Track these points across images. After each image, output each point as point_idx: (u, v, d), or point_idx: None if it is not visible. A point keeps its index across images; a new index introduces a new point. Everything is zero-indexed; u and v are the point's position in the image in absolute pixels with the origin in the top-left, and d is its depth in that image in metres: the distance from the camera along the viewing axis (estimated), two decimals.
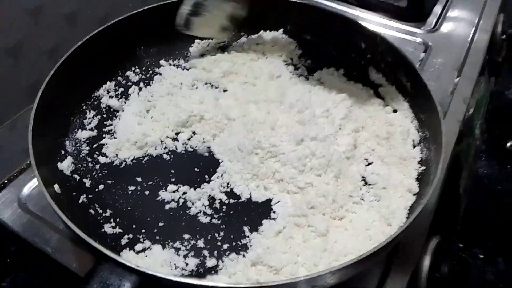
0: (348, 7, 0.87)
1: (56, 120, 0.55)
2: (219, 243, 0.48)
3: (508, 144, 0.94)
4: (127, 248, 0.46)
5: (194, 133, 0.60)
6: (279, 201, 0.52)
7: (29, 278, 0.55)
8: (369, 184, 0.55)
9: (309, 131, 0.56)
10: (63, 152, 0.55)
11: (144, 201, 0.52)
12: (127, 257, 0.45)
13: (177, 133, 0.60)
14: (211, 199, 0.52)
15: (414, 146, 0.57)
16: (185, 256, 0.47)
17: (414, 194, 0.51)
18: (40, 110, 0.50)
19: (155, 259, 0.45)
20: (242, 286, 0.38)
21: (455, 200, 0.71)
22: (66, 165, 0.53)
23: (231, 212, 0.51)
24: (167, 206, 0.52)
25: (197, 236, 0.49)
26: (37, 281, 0.55)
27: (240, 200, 0.53)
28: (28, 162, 0.61)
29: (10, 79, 0.63)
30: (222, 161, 0.56)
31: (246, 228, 0.50)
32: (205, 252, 0.47)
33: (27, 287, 0.55)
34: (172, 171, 0.55)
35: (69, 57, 0.56)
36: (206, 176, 0.55)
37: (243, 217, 0.51)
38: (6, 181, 0.59)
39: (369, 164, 0.57)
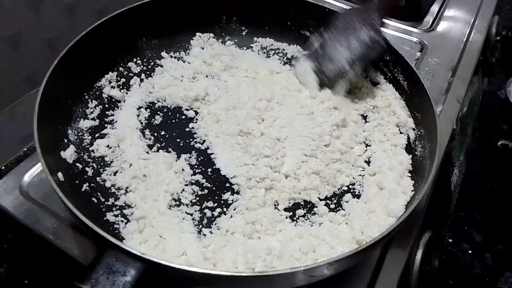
0: (347, 5, 0.88)
1: (59, 110, 0.55)
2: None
3: (499, 143, 0.97)
4: (130, 235, 0.47)
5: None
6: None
7: (26, 265, 0.56)
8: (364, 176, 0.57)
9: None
10: (65, 141, 0.55)
11: None
12: (131, 244, 0.46)
13: None
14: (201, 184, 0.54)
15: (411, 143, 0.59)
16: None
17: (412, 190, 0.53)
18: (44, 100, 0.50)
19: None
20: (243, 274, 0.39)
21: (446, 196, 0.73)
22: (69, 154, 0.54)
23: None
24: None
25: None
26: (34, 267, 0.56)
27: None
28: (25, 149, 0.62)
29: (9, 69, 0.63)
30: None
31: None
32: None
33: (23, 274, 0.56)
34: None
35: (72, 47, 0.56)
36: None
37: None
38: (3, 167, 0.59)
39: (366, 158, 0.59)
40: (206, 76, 0.68)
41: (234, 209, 0.52)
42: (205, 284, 0.42)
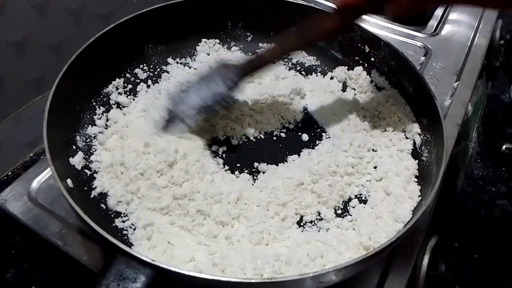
0: None
1: (67, 116, 0.56)
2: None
3: (503, 147, 0.97)
4: (139, 241, 0.48)
5: None
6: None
7: (32, 270, 0.56)
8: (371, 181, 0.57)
9: None
10: (74, 147, 0.56)
11: None
12: (140, 250, 0.46)
13: None
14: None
15: (417, 148, 0.59)
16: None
17: (418, 196, 0.53)
18: (53, 107, 0.51)
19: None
20: (252, 281, 0.40)
21: (452, 200, 0.73)
22: (77, 160, 0.54)
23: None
24: None
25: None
26: (41, 272, 0.56)
27: None
28: (32, 155, 0.62)
29: (15, 73, 0.63)
30: None
31: None
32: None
33: (30, 279, 0.56)
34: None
35: (80, 54, 0.57)
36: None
37: None
38: (10, 172, 0.60)
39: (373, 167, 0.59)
40: None
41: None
42: None
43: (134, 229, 0.49)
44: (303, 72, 0.72)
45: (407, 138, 0.61)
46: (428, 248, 0.56)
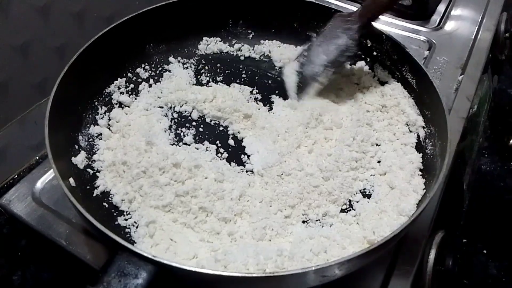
0: (353, 5, 0.88)
1: (69, 116, 0.56)
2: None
3: (511, 142, 0.95)
4: (141, 239, 0.47)
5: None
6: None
7: (39, 271, 0.57)
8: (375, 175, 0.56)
9: None
10: (76, 147, 0.56)
11: None
12: (143, 247, 0.46)
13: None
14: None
15: (421, 141, 0.59)
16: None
17: (423, 189, 0.53)
18: (55, 107, 0.51)
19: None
20: (254, 275, 0.39)
21: (458, 195, 0.72)
22: (80, 160, 0.54)
23: None
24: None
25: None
26: (47, 274, 0.56)
27: None
28: (38, 157, 0.63)
29: (19, 77, 0.63)
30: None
31: None
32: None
33: (37, 280, 0.56)
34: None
35: (81, 54, 0.57)
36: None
37: None
38: (16, 176, 0.60)
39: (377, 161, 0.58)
40: (213, 81, 0.68)
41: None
42: (216, 286, 0.42)
43: (137, 227, 0.49)
44: None
45: (410, 131, 0.60)
46: (435, 243, 0.55)
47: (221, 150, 0.59)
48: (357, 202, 0.53)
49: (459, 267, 0.55)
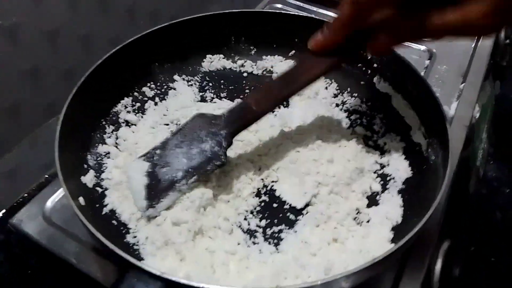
0: None
1: (78, 136, 0.57)
2: None
3: None
4: (150, 255, 0.48)
5: None
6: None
7: None
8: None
9: None
10: (85, 166, 0.57)
11: None
12: (151, 264, 0.47)
13: None
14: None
15: (423, 151, 0.59)
16: None
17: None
18: (64, 127, 0.52)
19: None
20: None
21: (464, 203, 0.72)
22: (89, 179, 0.55)
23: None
24: None
25: None
26: None
27: None
28: (47, 176, 0.64)
29: (29, 99, 0.65)
30: None
31: None
32: None
33: None
34: None
35: (89, 76, 0.59)
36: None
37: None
38: (26, 195, 0.61)
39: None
40: (218, 97, 0.70)
41: None
42: None
43: (145, 244, 0.50)
44: None
45: (413, 141, 0.61)
46: (441, 251, 0.55)
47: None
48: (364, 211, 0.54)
49: (466, 276, 0.55)
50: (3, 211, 0.60)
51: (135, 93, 0.68)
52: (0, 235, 0.58)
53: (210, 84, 0.72)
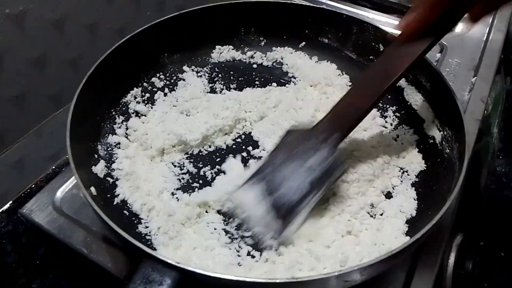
0: (363, 10, 0.89)
1: (88, 126, 0.57)
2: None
3: None
4: (162, 245, 0.48)
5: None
6: None
7: (58, 279, 0.57)
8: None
9: None
10: (96, 156, 0.57)
11: None
12: (164, 253, 0.46)
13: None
14: None
15: (437, 144, 0.59)
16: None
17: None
18: (74, 118, 0.52)
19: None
20: (277, 281, 0.39)
21: (476, 198, 0.72)
22: (99, 169, 0.55)
23: None
24: None
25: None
26: (66, 283, 0.57)
27: None
28: (54, 167, 0.63)
29: (35, 89, 0.65)
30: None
31: None
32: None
33: None
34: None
35: (98, 66, 0.58)
36: None
37: None
38: (33, 186, 0.61)
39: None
40: (227, 88, 0.69)
41: None
42: None
43: (157, 234, 0.50)
44: None
45: (427, 134, 0.60)
46: (454, 246, 0.55)
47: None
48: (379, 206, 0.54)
49: (479, 270, 0.55)
50: (10, 202, 0.59)
51: (145, 84, 0.68)
52: (8, 226, 0.58)
53: (220, 75, 0.72)
